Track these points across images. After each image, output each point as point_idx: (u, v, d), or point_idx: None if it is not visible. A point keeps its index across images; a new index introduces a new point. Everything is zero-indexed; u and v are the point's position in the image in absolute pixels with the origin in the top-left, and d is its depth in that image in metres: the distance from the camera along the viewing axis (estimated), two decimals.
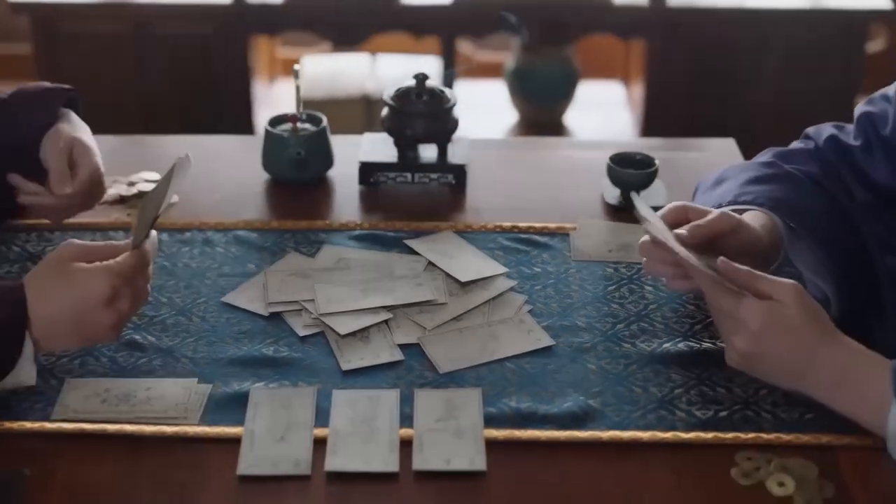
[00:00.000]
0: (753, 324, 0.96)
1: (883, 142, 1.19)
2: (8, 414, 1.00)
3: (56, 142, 1.18)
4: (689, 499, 0.93)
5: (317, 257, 1.24)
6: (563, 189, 1.40)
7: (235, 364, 1.07)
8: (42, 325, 0.98)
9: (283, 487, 0.93)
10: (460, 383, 1.05)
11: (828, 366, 0.97)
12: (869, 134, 1.21)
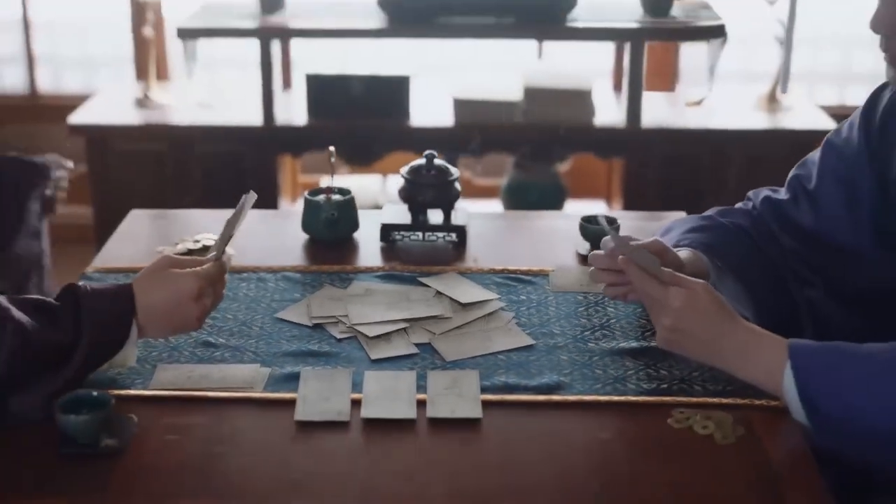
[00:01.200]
0: (675, 303, 1.27)
1: (808, 195, 1.53)
2: (114, 385, 1.31)
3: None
4: (635, 438, 1.23)
5: (348, 289, 1.57)
6: (544, 245, 1.74)
7: (288, 355, 1.38)
8: (145, 315, 1.30)
9: (329, 430, 1.23)
10: (462, 368, 1.36)
11: (733, 342, 1.27)
12: (797, 191, 1.55)
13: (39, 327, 1.23)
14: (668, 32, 3.01)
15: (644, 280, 1.30)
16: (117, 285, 1.31)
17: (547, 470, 1.17)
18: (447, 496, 1.13)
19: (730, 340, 1.27)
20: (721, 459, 1.19)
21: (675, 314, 1.27)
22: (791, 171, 1.59)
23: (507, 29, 2.96)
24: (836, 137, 1.53)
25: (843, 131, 1.52)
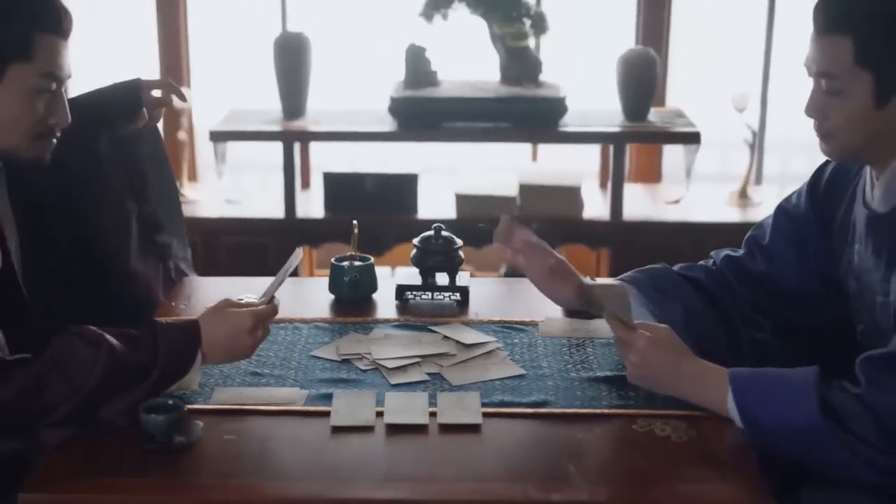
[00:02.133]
0: (640, 344, 1.58)
1: (763, 249, 1.86)
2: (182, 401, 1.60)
3: None
4: (606, 439, 1.52)
5: (370, 334, 1.87)
6: (534, 302, 2.03)
7: (322, 381, 1.68)
8: (208, 345, 1.60)
9: (357, 433, 1.52)
10: (466, 390, 1.65)
11: (688, 375, 1.58)
12: (753, 247, 1.88)
13: (126, 351, 1.53)
14: (646, 136, 3.38)
15: (616, 326, 1.62)
16: (187, 320, 1.62)
17: (533, 460, 1.46)
18: (454, 479, 1.42)
19: (685, 374, 1.58)
20: (676, 454, 1.48)
21: (640, 353, 1.59)
22: (748, 234, 1.92)
23: (505, 133, 3.34)
24: (787, 204, 1.87)
25: (792, 199, 1.86)
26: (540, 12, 3.33)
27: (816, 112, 1.62)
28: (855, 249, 1.69)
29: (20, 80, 1.57)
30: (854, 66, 1.54)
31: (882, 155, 1.61)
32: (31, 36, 1.57)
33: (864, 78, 1.55)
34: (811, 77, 1.62)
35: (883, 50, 1.53)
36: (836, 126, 1.60)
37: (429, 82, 3.37)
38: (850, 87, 1.56)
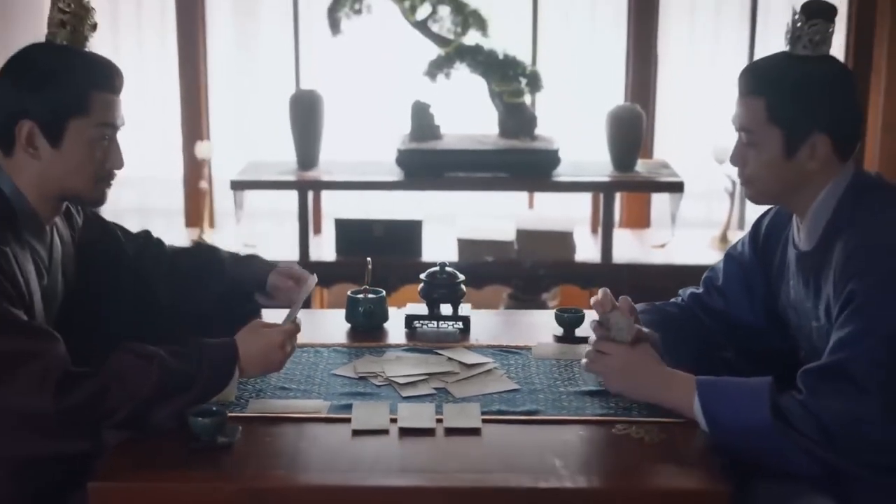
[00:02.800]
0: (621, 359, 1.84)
1: (718, 289, 2.12)
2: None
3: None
4: (588, 440, 1.76)
5: (382, 356, 2.12)
6: (528, 330, 2.29)
7: (342, 395, 1.92)
8: (244, 360, 1.84)
9: (374, 436, 1.76)
10: (467, 401, 1.90)
11: (661, 382, 1.83)
12: (710, 287, 2.14)
13: (174, 364, 1.78)
14: (633, 185, 3.66)
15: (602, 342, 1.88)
16: (226, 339, 1.87)
17: (524, 457, 1.70)
18: (457, 471, 1.66)
19: (658, 381, 1.84)
20: (649, 454, 1.72)
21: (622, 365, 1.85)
22: (704, 274, 2.18)
23: (503, 182, 3.61)
24: (734, 251, 2.15)
25: (738, 247, 2.14)
26: (535, 71, 3.62)
27: (738, 160, 1.91)
28: (790, 285, 1.96)
29: (80, 131, 1.84)
30: (767, 123, 1.84)
31: (800, 201, 1.88)
32: (88, 94, 1.84)
33: (775, 133, 1.83)
34: (736, 131, 1.90)
35: (790, 110, 1.82)
36: (754, 173, 1.88)
37: (432, 136, 3.65)
38: (764, 140, 1.85)
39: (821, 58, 1.85)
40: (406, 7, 3.56)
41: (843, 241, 1.80)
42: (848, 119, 1.86)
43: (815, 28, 1.84)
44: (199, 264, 2.26)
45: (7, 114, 1.83)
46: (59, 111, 1.82)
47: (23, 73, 1.84)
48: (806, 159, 1.84)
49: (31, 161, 1.84)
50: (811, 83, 1.83)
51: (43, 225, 1.91)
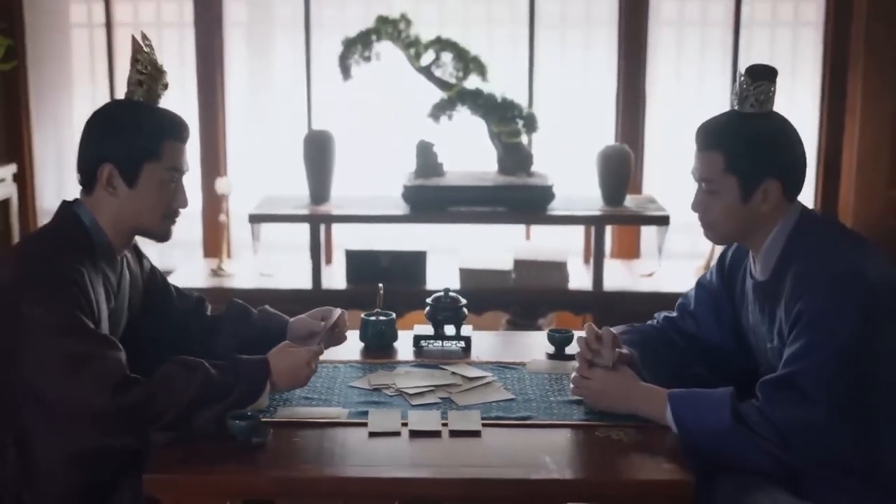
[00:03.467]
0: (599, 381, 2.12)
1: (690, 314, 2.39)
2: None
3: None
4: (574, 441, 2.03)
5: (393, 371, 2.39)
6: (524, 349, 2.56)
7: (359, 403, 2.19)
8: (275, 374, 2.11)
9: (388, 437, 2.03)
10: (469, 409, 2.16)
11: (638, 396, 2.10)
12: (683, 312, 2.41)
13: (216, 375, 2.05)
14: (622, 219, 3.93)
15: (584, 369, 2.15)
16: (260, 357, 2.13)
17: (518, 454, 1.96)
18: (460, 465, 1.92)
19: (636, 395, 2.11)
20: (626, 452, 1.99)
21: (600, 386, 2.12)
22: (678, 301, 2.45)
23: (501, 216, 3.88)
24: (703, 280, 2.41)
25: (707, 276, 2.40)
26: (531, 113, 3.90)
27: (699, 207, 2.18)
28: (749, 311, 2.23)
29: (152, 174, 2.12)
30: (724, 173, 2.11)
31: (755, 239, 2.15)
32: (160, 142, 2.12)
33: (731, 181, 2.10)
34: (696, 182, 2.17)
35: (744, 161, 2.09)
36: (714, 218, 2.15)
37: (436, 173, 3.92)
38: (723, 188, 2.11)
39: (767, 114, 2.13)
40: (411, 54, 3.84)
41: (792, 271, 2.07)
42: (794, 165, 2.13)
43: (760, 89, 2.12)
44: (233, 317, 2.50)
45: (91, 158, 2.12)
46: (135, 156, 2.11)
47: (106, 123, 2.14)
48: (759, 202, 2.11)
49: (109, 199, 2.13)
50: (761, 137, 2.10)
51: (115, 255, 2.18)
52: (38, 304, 1.99)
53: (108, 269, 2.17)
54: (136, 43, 2.17)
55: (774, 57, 4.45)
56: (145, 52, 2.17)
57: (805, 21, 4.47)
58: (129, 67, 2.18)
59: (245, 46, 4.51)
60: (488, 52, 4.13)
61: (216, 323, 2.48)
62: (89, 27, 4.54)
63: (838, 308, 1.99)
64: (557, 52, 4.45)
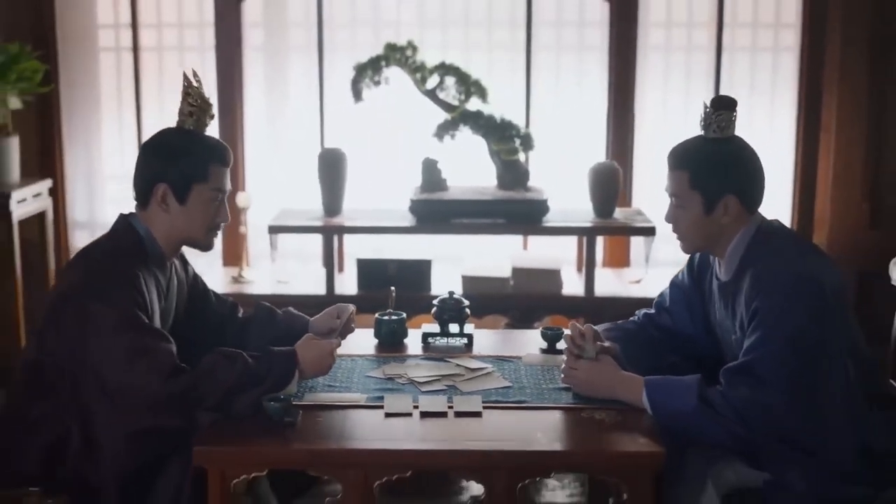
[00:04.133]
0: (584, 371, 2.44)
1: (666, 310, 2.71)
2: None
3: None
4: (563, 420, 2.35)
5: (404, 363, 2.71)
6: (520, 345, 2.88)
7: (375, 390, 2.51)
8: (302, 364, 2.43)
9: (402, 418, 2.35)
10: (471, 394, 2.49)
11: (619, 384, 2.42)
12: (660, 308, 2.73)
13: (252, 364, 2.37)
14: (612, 230, 4.26)
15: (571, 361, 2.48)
16: (289, 348, 2.45)
17: (514, 431, 2.28)
18: (464, 440, 2.24)
19: (617, 383, 2.42)
20: (607, 429, 2.31)
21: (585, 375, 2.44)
22: (655, 300, 2.77)
23: (500, 227, 4.19)
24: (677, 280, 2.73)
25: (679, 276, 2.73)
26: (528, 133, 4.22)
27: (671, 219, 2.50)
28: (715, 308, 2.56)
29: (200, 193, 2.45)
30: (690, 190, 2.43)
31: (719, 246, 2.47)
32: (208, 166, 2.45)
33: (696, 197, 2.43)
34: (669, 197, 2.49)
35: (706, 179, 2.41)
36: (683, 230, 2.48)
37: (440, 187, 4.24)
38: (689, 203, 2.44)
39: (728, 138, 2.45)
40: (417, 78, 4.16)
41: (751, 273, 2.39)
42: (751, 183, 2.45)
43: (722, 117, 2.44)
44: (261, 318, 2.83)
45: (148, 178, 2.45)
46: (186, 178, 2.43)
47: (162, 148, 2.47)
48: (721, 215, 2.43)
49: (162, 214, 2.45)
50: (722, 158, 2.42)
51: (165, 262, 2.51)
52: (101, 302, 2.31)
53: (159, 273, 2.49)
54: (188, 79, 2.49)
55: (755, 80, 4.78)
56: (195, 87, 2.49)
57: (784, 47, 4.78)
58: (180, 100, 2.50)
59: (262, 70, 4.82)
60: (488, 75, 4.42)
61: (247, 324, 2.80)
62: (116, 51, 4.85)
63: (790, 306, 2.31)
64: (552, 75, 4.74)
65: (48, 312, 2.40)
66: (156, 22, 4.80)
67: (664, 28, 4.78)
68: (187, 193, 2.45)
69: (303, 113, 4.78)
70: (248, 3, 4.71)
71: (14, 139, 4.24)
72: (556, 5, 4.73)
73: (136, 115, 4.79)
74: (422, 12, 4.74)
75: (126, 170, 4.79)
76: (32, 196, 4.27)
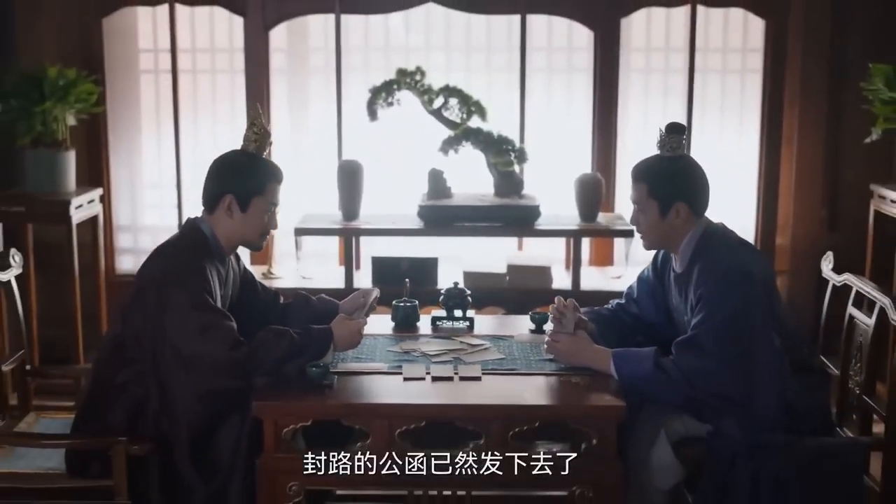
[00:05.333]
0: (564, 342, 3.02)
1: (634, 300, 3.30)
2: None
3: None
4: (546, 383, 2.93)
5: (418, 341, 3.29)
6: (511, 327, 3.47)
7: (395, 360, 3.09)
8: (336, 339, 3.01)
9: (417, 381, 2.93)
10: (473, 364, 3.07)
11: (592, 354, 3.00)
12: (629, 298, 3.32)
13: (297, 338, 2.95)
14: (595, 232, 4.82)
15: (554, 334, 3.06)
16: (326, 326, 3.02)
17: (506, 391, 2.87)
18: (467, 397, 2.83)
19: (590, 354, 3.00)
20: (581, 389, 2.89)
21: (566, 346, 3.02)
22: (625, 291, 3.35)
23: (498, 230, 4.74)
24: (643, 274, 3.32)
25: (645, 272, 3.31)
26: (522, 148, 4.77)
27: (634, 222, 3.09)
28: (672, 295, 3.14)
29: (258, 205, 3.02)
30: (648, 198, 3.01)
31: (674, 243, 3.05)
32: (265, 183, 3.03)
33: (653, 204, 3.01)
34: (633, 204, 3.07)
35: (661, 190, 3.00)
36: (644, 231, 3.06)
37: (445, 195, 4.78)
38: (647, 208, 3.02)
39: (679, 156, 3.03)
40: (425, 99, 4.73)
41: (698, 265, 2.98)
42: (698, 193, 3.03)
43: (673, 139, 3.03)
44: (299, 304, 3.40)
45: (216, 189, 3.02)
46: (249, 191, 3.01)
47: (230, 166, 3.04)
48: (674, 218, 3.02)
49: (226, 219, 3.03)
50: (673, 173, 3.01)
51: (225, 257, 3.09)
52: (177, 288, 2.90)
53: (220, 266, 3.07)
54: (253, 112, 3.08)
55: (725, 98, 5.33)
56: (260, 119, 3.07)
57: (750, 69, 5.33)
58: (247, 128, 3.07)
59: (286, 90, 5.36)
60: (487, 95, 4.90)
61: (287, 308, 3.38)
62: (155, 73, 5.42)
63: (727, 291, 2.89)
64: (544, 95, 5.25)
65: (132, 298, 2.98)
66: (190, 47, 5.36)
67: (644, 52, 5.32)
68: (248, 204, 3.03)
69: (322, 128, 5.30)
70: (274, 31, 5.28)
71: (71, 153, 4.82)
72: (548, 32, 5.30)
73: (175, 130, 5.35)
74: (428, 38, 5.30)
75: (163, 179, 5.40)
76: (87, 202, 4.85)
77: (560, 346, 3.05)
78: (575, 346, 3.04)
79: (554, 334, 3.08)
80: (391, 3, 5.17)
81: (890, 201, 4.79)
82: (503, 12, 5.19)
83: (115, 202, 5.36)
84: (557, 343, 3.06)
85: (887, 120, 4.74)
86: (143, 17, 5.35)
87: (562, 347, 3.05)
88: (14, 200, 4.71)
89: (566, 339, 3.05)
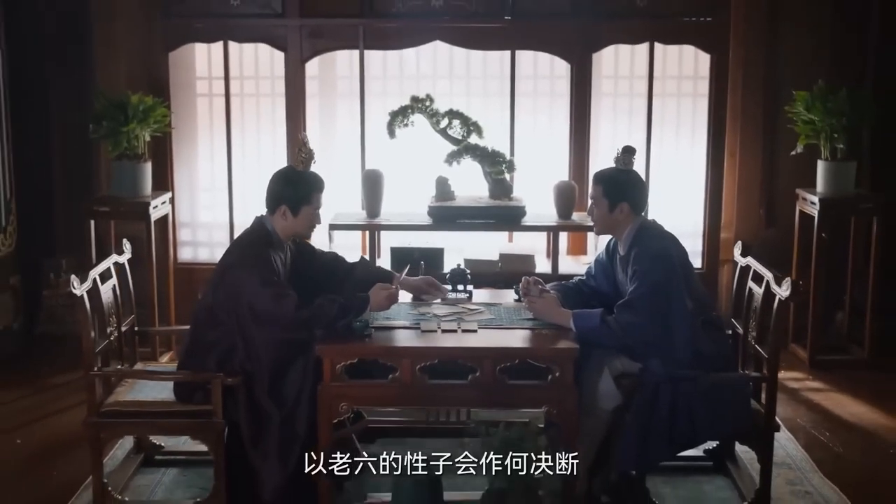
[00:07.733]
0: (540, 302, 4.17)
1: (592, 276, 4.44)
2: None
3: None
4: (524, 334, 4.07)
5: (430, 306, 4.42)
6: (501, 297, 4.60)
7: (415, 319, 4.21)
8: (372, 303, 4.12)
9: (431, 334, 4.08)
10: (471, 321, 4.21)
11: (558, 313, 4.13)
12: (588, 275, 4.46)
13: (344, 302, 4.08)
14: (570, 228, 5.95)
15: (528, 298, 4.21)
16: (364, 294, 4.15)
17: (496, 338, 3.99)
18: (468, 342, 3.96)
19: (557, 313, 4.14)
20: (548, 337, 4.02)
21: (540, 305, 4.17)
22: (586, 270, 4.50)
23: (492, 226, 5.85)
24: (599, 256, 4.45)
25: (600, 255, 4.44)
26: (511, 160, 5.87)
27: (590, 213, 4.22)
28: (618, 273, 4.27)
29: (306, 211, 4.14)
30: (602, 197, 4.14)
31: (618, 232, 4.17)
32: (311, 193, 4.14)
33: (605, 201, 4.13)
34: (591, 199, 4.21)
35: (611, 192, 4.11)
36: (597, 221, 4.18)
37: (449, 198, 5.89)
38: (600, 205, 4.14)
39: (628, 170, 4.15)
40: (433, 121, 5.87)
41: (634, 250, 4.11)
42: (638, 196, 4.14)
43: (627, 157, 4.15)
44: (363, 265, 4.54)
45: (275, 196, 4.12)
46: (299, 201, 4.13)
47: (285, 179, 4.14)
48: (618, 214, 4.15)
49: (282, 221, 4.13)
50: (622, 181, 4.12)
51: (283, 247, 4.21)
52: (251, 269, 4.00)
53: (280, 253, 4.20)
54: (302, 137, 4.22)
55: (679, 118, 6.42)
56: (307, 142, 4.21)
57: (701, 93, 6.39)
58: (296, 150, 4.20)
59: (318, 111, 6.43)
60: (483, 114, 5.95)
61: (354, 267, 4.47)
62: (209, 97, 6.54)
63: (652, 268, 4.03)
64: (530, 115, 6.31)
65: (218, 277, 4.09)
66: (239, 75, 6.47)
67: (612, 79, 6.40)
68: (298, 211, 4.15)
69: (348, 143, 6.38)
70: (309, 63, 6.40)
71: (149, 164, 5.95)
72: (533, 64, 6.40)
73: (226, 143, 6.45)
74: (435, 69, 6.40)
75: (216, 183, 6.54)
76: (161, 203, 5.99)
77: (537, 305, 4.18)
78: (547, 307, 4.16)
79: (528, 299, 4.21)
80: (406, 41, 6.29)
81: (810, 203, 5.92)
82: (497, 48, 6.31)
83: (177, 203, 6.48)
84: (535, 304, 4.19)
85: (807, 137, 5.86)
86: (200, 51, 6.46)
87: (538, 307, 4.17)
88: (101, 203, 5.84)
89: (541, 302, 4.18)
